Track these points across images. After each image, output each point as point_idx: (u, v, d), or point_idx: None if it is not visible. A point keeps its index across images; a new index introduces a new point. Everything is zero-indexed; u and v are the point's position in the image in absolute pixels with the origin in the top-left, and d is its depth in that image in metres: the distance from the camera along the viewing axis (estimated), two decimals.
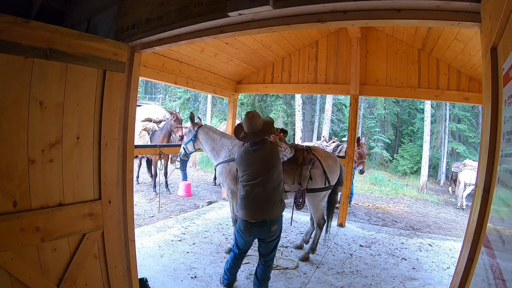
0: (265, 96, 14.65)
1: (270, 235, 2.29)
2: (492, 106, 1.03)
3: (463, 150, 13.53)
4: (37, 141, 1.67)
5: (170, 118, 6.24)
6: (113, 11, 2.31)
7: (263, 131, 2.40)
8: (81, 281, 1.87)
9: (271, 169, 2.29)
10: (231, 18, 1.70)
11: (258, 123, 2.39)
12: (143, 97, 21.75)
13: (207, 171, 10.46)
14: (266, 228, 2.24)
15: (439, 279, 3.14)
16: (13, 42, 1.53)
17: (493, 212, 0.93)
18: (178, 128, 6.11)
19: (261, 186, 2.25)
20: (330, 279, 3.03)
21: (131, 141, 2.19)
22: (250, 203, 2.27)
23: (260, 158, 2.31)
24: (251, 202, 2.27)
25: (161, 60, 3.94)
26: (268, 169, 2.29)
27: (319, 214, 3.39)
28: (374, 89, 4.66)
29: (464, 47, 3.50)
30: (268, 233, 2.27)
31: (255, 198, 2.26)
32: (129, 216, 2.17)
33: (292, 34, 4.55)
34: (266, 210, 2.24)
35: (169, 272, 2.98)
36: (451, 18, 1.35)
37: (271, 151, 2.35)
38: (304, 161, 3.17)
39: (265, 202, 2.25)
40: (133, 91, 2.17)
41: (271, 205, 2.26)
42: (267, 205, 2.25)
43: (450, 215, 7.47)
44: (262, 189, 2.25)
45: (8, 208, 1.56)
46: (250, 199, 2.27)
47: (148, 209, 5.52)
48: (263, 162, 2.30)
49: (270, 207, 2.25)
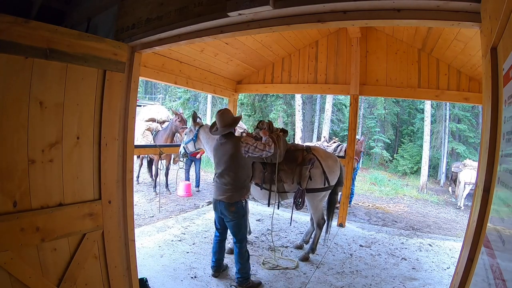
0: (265, 96, 14.64)
1: (230, 215, 2.67)
2: (492, 106, 1.03)
3: (463, 150, 13.52)
4: (37, 141, 1.67)
5: (175, 119, 6.24)
6: (113, 11, 2.31)
7: (232, 124, 2.72)
8: (81, 281, 1.87)
9: (232, 160, 2.64)
10: (231, 18, 1.70)
11: (227, 118, 2.71)
12: (143, 97, 21.76)
13: (207, 171, 10.46)
14: (225, 207, 2.64)
15: (439, 279, 3.14)
16: (13, 42, 1.53)
17: (493, 212, 0.93)
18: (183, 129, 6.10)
19: (225, 174, 2.66)
20: (330, 279, 3.03)
21: (131, 141, 2.19)
22: (217, 186, 2.72)
23: (224, 151, 2.68)
24: (217, 185, 2.72)
25: (161, 60, 3.94)
26: (229, 161, 2.64)
27: (319, 214, 3.39)
28: (374, 89, 4.66)
29: (464, 47, 3.49)
30: (228, 213, 2.66)
31: (220, 183, 2.69)
32: (129, 216, 2.17)
33: (292, 34, 4.54)
34: (226, 194, 2.64)
35: (169, 272, 2.98)
36: (451, 18, 1.35)
37: (233, 146, 2.65)
38: (303, 161, 3.16)
39: (226, 187, 2.65)
40: (133, 91, 2.17)
41: (230, 190, 2.64)
42: (227, 190, 2.64)
43: (450, 215, 7.47)
44: (225, 176, 2.66)
45: (8, 208, 1.56)
46: (217, 183, 2.73)
47: (148, 209, 5.52)
48: (226, 155, 2.67)
49: (229, 192, 2.64)
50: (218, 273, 2.96)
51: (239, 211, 2.67)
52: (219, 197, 2.67)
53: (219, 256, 2.95)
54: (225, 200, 2.63)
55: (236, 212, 2.65)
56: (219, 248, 2.93)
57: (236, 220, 2.68)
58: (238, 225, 2.71)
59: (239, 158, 2.64)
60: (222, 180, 2.67)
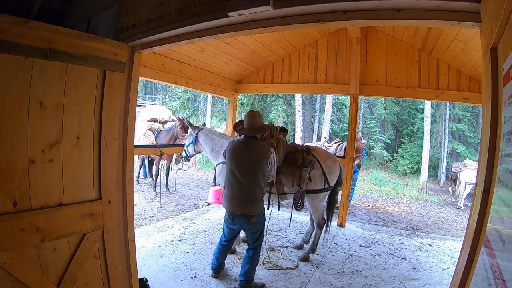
0: (265, 96, 14.65)
1: (251, 226, 2.50)
2: (492, 106, 1.03)
3: (463, 150, 13.53)
4: (37, 141, 1.67)
5: (177, 125, 6.24)
6: (113, 11, 2.31)
7: (260, 129, 2.59)
8: (81, 281, 1.87)
9: (257, 169, 2.44)
10: (231, 18, 1.70)
11: (257, 122, 2.58)
12: (143, 97, 21.77)
13: (207, 171, 10.46)
14: (246, 219, 2.45)
15: (439, 279, 3.14)
16: (13, 42, 1.53)
17: (493, 212, 0.93)
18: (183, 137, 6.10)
19: (247, 183, 2.43)
20: (330, 279, 3.03)
21: (131, 141, 2.19)
22: (234, 196, 2.46)
23: (248, 157, 2.46)
24: (234, 195, 2.46)
25: (161, 60, 3.94)
26: (254, 169, 2.44)
27: (319, 214, 3.39)
28: (374, 89, 4.67)
29: (464, 47, 3.50)
30: (248, 224, 2.48)
31: (238, 192, 2.44)
32: (129, 216, 2.17)
33: (292, 34, 4.54)
34: (247, 206, 2.42)
35: (169, 272, 2.98)
36: (451, 18, 1.35)
37: (261, 154, 2.47)
38: (303, 163, 3.15)
39: (247, 198, 2.43)
40: (133, 91, 2.17)
41: (251, 201, 2.44)
42: (248, 201, 2.43)
43: (450, 215, 7.47)
44: (246, 185, 2.43)
45: (8, 208, 1.56)
46: (234, 192, 2.46)
47: (148, 209, 5.52)
48: (251, 162, 2.45)
49: (250, 204, 2.44)
50: (218, 274, 2.94)
51: (261, 220, 2.55)
52: (238, 211, 2.44)
53: (221, 260, 2.89)
54: (247, 213, 2.43)
55: (257, 222, 2.51)
56: (223, 253, 2.85)
57: (258, 230, 2.58)
58: (259, 234, 2.61)
59: (264, 168, 2.47)
60: (242, 191, 2.44)
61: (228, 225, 2.63)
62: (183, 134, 6.06)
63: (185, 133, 6.01)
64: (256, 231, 2.58)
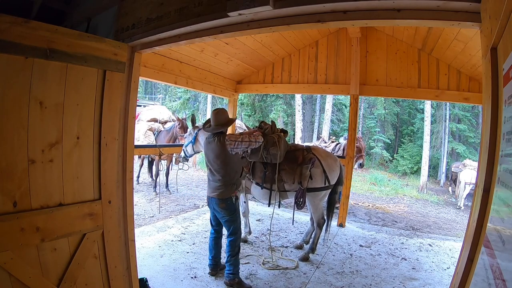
0: (265, 96, 14.64)
1: (220, 211, 2.75)
2: (492, 106, 1.03)
3: (463, 150, 13.53)
4: (37, 141, 1.67)
5: (176, 125, 6.24)
6: (113, 11, 2.31)
7: (225, 124, 2.76)
8: (81, 281, 1.87)
9: (219, 158, 2.69)
10: (231, 18, 1.70)
11: (222, 118, 2.76)
12: (143, 97, 21.76)
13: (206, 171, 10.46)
14: (216, 203, 2.73)
15: (439, 279, 3.14)
16: (13, 42, 1.53)
17: (493, 212, 0.93)
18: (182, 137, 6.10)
19: (214, 171, 2.73)
20: (330, 279, 3.03)
21: (131, 141, 2.19)
22: (209, 183, 2.83)
23: (211, 149, 2.73)
24: (209, 182, 2.83)
25: (161, 60, 3.94)
26: (216, 159, 2.69)
27: (319, 214, 3.39)
28: (374, 89, 4.66)
29: (464, 47, 3.49)
30: (218, 209, 2.74)
31: (211, 179, 2.78)
32: (129, 216, 2.17)
33: (292, 34, 4.54)
34: (217, 191, 2.72)
35: (169, 272, 2.98)
36: (451, 18, 1.35)
37: (219, 144, 2.69)
38: (304, 161, 3.18)
39: (217, 184, 2.73)
40: (133, 91, 2.17)
41: (221, 187, 2.71)
42: (218, 187, 2.72)
43: (450, 215, 7.47)
44: (215, 174, 2.73)
45: (8, 208, 1.56)
46: (209, 181, 2.83)
47: (148, 209, 5.52)
48: (213, 153, 2.72)
49: (220, 189, 2.71)
50: (215, 271, 2.96)
51: (229, 207, 2.74)
52: (211, 194, 2.76)
53: (215, 253, 2.97)
54: (216, 196, 2.71)
55: (226, 208, 2.72)
56: (215, 244, 2.97)
57: (228, 216, 2.75)
58: (230, 221, 2.78)
59: (225, 156, 2.69)
60: (213, 178, 2.75)
61: (209, 208, 2.93)
62: (182, 134, 6.06)
63: (183, 133, 6.03)
64: (226, 219, 2.77)
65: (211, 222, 2.98)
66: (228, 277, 2.77)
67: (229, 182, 2.73)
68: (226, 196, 2.71)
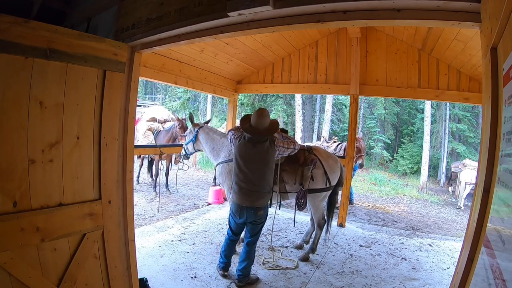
0: (265, 96, 14.64)
1: (257, 218, 2.63)
2: (492, 106, 1.03)
3: (463, 150, 13.52)
4: (37, 141, 1.67)
5: (176, 125, 6.23)
6: (113, 11, 2.31)
7: (268, 130, 2.63)
8: (81, 281, 1.87)
9: (265, 166, 2.59)
10: (231, 18, 1.70)
11: (265, 122, 2.61)
12: (143, 97, 21.77)
13: (207, 171, 10.46)
14: (253, 212, 2.59)
15: (439, 279, 3.14)
16: (13, 42, 1.53)
17: (493, 212, 0.93)
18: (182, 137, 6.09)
19: (255, 178, 2.57)
20: (330, 279, 3.03)
21: (131, 141, 2.19)
22: (243, 189, 2.59)
23: (257, 154, 2.58)
24: (244, 188, 2.59)
25: (161, 60, 3.94)
26: (262, 166, 2.59)
27: (319, 214, 3.39)
28: (374, 89, 4.67)
29: (464, 47, 3.50)
30: (255, 217, 2.61)
31: (248, 186, 2.58)
32: (129, 216, 2.17)
33: (292, 34, 4.54)
34: (256, 199, 2.57)
35: (169, 272, 2.98)
36: (451, 18, 1.35)
37: (268, 151, 2.59)
38: (305, 161, 3.17)
39: (256, 192, 2.58)
40: (133, 91, 2.17)
41: (259, 195, 2.59)
42: (258, 195, 2.58)
43: (450, 215, 7.47)
44: (255, 180, 2.57)
45: (8, 208, 1.55)
46: (243, 186, 2.59)
47: (148, 209, 5.52)
48: (260, 159, 2.58)
49: (258, 197, 2.59)
50: (227, 271, 2.94)
51: (266, 211, 2.70)
52: (251, 204, 2.58)
53: (229, 254, 2.94)
54: (255, 205, 2.58)
55: (263, 216, 2.66)
56: (232, 246, 2.94)
57: (263, 220, 2.70)
58: (260, 227, 2.73)
59: (271, 162, 2.62)
60: (251, 185, 2.57)
61: (235, 219, 2.72)
62: (182, 134, 6.05)
63: (183, 133, 6.02)
64: (259, 223, 2.69)
65: (232, 229, 2.83)
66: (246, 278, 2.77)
67: (269, 189, 2.65)
68: (265, 204, 2.63)
